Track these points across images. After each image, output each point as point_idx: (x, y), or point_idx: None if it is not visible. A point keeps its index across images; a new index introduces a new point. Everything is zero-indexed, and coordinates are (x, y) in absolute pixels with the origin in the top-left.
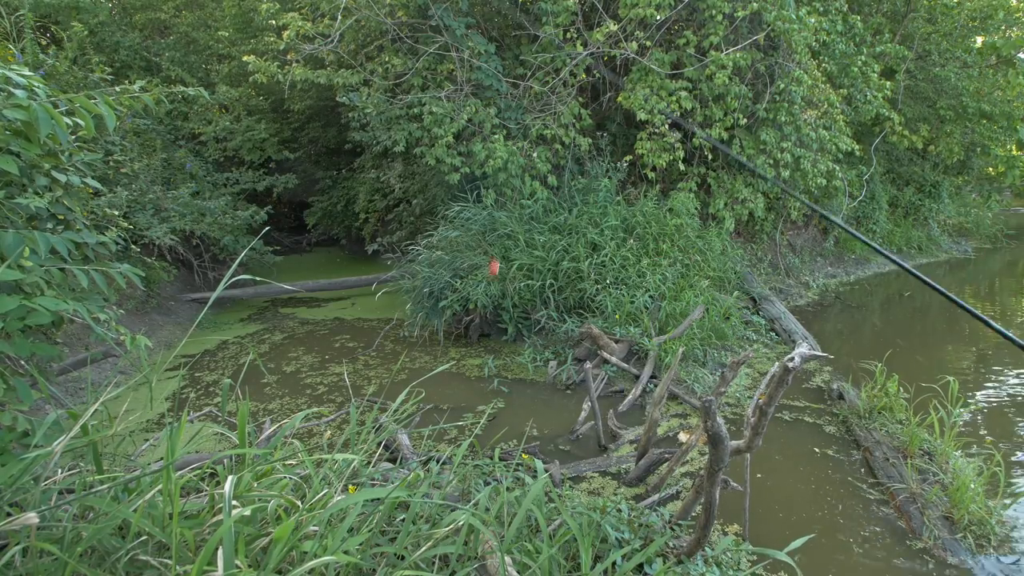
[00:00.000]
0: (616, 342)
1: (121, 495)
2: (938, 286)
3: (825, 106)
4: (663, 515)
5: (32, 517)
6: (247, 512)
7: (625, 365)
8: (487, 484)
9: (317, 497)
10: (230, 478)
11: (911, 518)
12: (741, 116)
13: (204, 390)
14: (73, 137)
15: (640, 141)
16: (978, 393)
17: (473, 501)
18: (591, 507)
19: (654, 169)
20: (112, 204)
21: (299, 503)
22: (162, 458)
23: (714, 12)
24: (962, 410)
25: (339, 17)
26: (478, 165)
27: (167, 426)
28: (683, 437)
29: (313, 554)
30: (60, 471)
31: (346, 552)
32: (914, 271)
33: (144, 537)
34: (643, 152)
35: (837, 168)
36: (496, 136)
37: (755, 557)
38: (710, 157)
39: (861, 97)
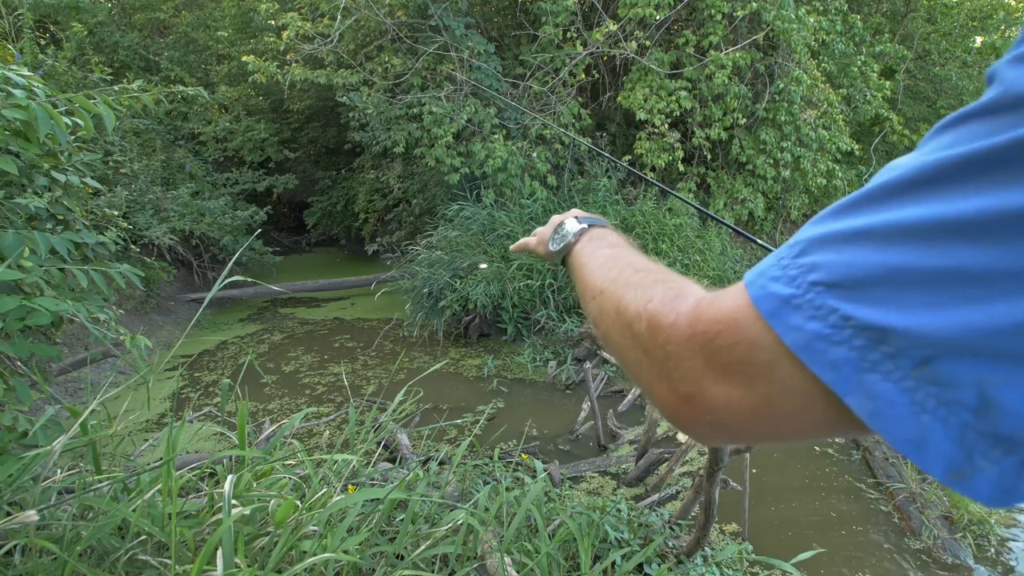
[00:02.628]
0: None
1: (120, 495)
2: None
3: (825, 106)
4: (662, 515)
5: (32, 515)
6: (246, 512)
7: None
8: (486, 484)
9: (316, 496)
10: (229, 477)
11: (910, 518)
12: (741, 116)
13: (204, 390)
14: (72, 137)
15: (639, 141)
16: None
17: (472, 501)
18: (590, 507)
19: (653, 169)
20: (112, 204)
21: (298, 503)
22: (161, 458)
23: (713, 12)
24: None
25: (339, 17)
26: (478, 165)
27: (167, 426)
28: (682, 437)
29: (312, 553)
30: (59, 471)
31: (345, 552)
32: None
33: (143, 537)
34: (642, 152)
35: (837, 168)
36: (495, 136)
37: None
38: (709, 157)
39: (860, 97)
